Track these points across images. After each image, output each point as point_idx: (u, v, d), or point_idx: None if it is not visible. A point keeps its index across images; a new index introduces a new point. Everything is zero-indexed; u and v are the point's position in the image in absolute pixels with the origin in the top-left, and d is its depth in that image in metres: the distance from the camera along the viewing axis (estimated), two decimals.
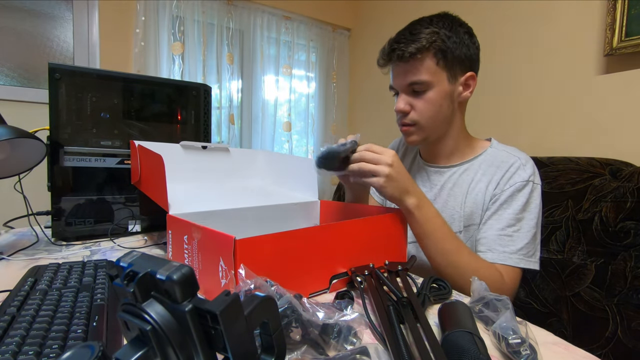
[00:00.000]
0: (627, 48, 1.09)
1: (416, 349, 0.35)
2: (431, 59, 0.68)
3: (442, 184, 0.78)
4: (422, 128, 0.73)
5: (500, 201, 0.69)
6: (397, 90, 0.74)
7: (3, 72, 1.59)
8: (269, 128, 2.21)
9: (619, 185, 0.88)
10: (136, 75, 1.00)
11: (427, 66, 0.68)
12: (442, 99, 0.70)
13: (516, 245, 0.66)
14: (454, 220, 0.74)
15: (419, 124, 0.72)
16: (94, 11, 1.72)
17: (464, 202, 0.73)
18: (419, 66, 0.69)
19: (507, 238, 0.66)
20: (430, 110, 0.71)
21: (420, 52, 0.67)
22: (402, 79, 0.71)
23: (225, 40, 2.02)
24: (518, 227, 0.67)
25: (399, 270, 0.54)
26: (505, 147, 0.77)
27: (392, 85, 0.75)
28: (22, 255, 0.68)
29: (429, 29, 0.68)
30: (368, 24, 2.37)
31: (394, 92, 0.76)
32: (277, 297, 0.37)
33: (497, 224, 0.68)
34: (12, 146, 0.71)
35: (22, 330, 0.34)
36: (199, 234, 0.49)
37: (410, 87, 0.70)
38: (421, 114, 0.71)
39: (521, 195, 0.68)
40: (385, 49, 0.72)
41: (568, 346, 0.40)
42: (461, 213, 0.73)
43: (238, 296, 0.22)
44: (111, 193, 0.85)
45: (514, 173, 0.69)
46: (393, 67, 0.73)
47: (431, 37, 0.67)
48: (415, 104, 0.71)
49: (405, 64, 0.69)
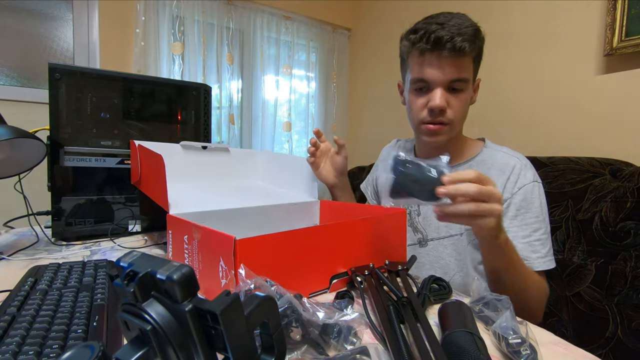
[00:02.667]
0: (627, 48, 1.09)
1: (416, 349, 0.35)
2: (472, 58, 0.66)
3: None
4: (453, 128, 0.70)
5: (516, 206, 0.67)
6: (429, 84, 0.67)
7: (3, 72, 1.59)
8: (269, 128, 2.21)
9: (619, 185, 0.88)
10: (136, 75, 1.00)
11: (469, 65, 0.66)
12: (469, 101, 0.70)
13: (545, 248, 0.65)
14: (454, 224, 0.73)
15: (452, 124, 0.69)
16: (94, 11, 1.72)
17: None
18: (466, 63, 0.65)
19: (537, 243, 0.65)
20: (463, 111, 0.69)
21: (471, 49, 0.63)
22: (447, 71, 0.65)
23: (225, 40, 2.02)
24: (543, 229, 0.66)
25: (399, 270, 0.54)
26: (500, 147, 0.76)
27: (424, 78, 0.67)
28: (22, 255, 0.68)
29: (473, 27, 0.64)
30: (368, 24, 2.37)
31: (420, 85, 0.69)
32: (277, 297, 0.37)
33: (522, 231, 0.66)
34: (12, 146, 0.71)
35: (22, 330, 0.34)
36: (199, 234, 0.49)
37: (451, 84, 0.66)
38: (456, 113, 0.68)
39: (534, 197, 0.67)
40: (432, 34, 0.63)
41: (568, 346, 0.40)
42: None
43: (238, 296, 0.22)
44: (111, 193, 0.85)
45: (518, 175, 0.69)
46: (432, 58, 0.65)
47: (477, 34, 0.64)
48: (451, 102, 0.67)
49: (453, 57, 0.63)
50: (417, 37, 0.65)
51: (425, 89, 0.68)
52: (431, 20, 0.65)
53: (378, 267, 0.54)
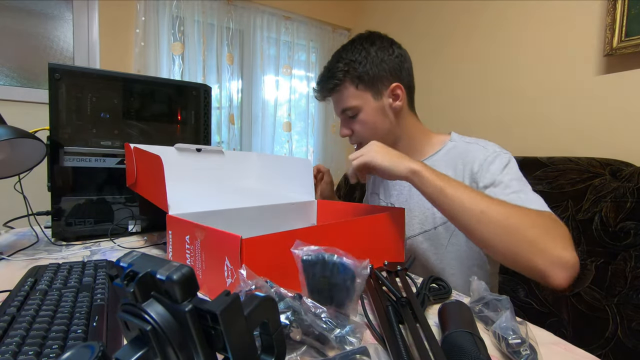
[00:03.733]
0: (627, 48, 1.09)
1: (416, 349, 0.35)
2: (350, 85, 0.74)
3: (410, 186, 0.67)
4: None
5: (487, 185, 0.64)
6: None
7: (3, 72, 1.59)
8: (269, 128, 2.21)
9: (619, 185, 0.88)
10: (136, 75, 1.00)
11: (350, 93, 0.75)
12: (374, 117, 0.75)
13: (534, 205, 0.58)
14: (427, 218, 0.74)
15: (365, 141, 0.72)
16: (94, 11, 1.72)
17: None
18: (343, 95, 0.76)
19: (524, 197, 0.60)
20: (367, 130, 0.76)
21: (339, 85, 0.75)
22: (336, 108, 0.80)
23: (225, 40, 2.02)
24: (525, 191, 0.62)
25: (398, 271, 0.54)
26: (468, 138, 0.76)
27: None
28: (22, 255, 0.68)
29: (340, 63, 0.75)
30: (368, 24, 2.37)
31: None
32: (277, 298, 0.37)
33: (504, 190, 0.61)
34: (12, 146, 0.71)
35: (22, 330, 0.34)
36: (202, 233, 0.49)
37: (345, 114, 0.77)
38: (360, 134, 0.77)
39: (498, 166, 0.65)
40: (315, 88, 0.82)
41: (568, 346, 0.40)
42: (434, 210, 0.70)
43: (238, 296, 0.22)
44: (111, 193, 0.85)
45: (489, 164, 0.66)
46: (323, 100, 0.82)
47: (344, 67, 0.74)
48: (353, 127, 0.78)
49: (333, 96, 0.78)
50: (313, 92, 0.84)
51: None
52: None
53: (377, 267, 0.54)
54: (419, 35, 1.91)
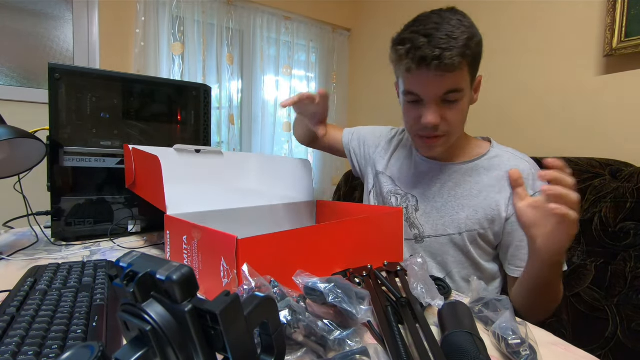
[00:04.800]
0: (627, 49, 1.09)
1: (415, 349, 0.35)
2: (465, 66, 0.61)
3: (443, 182, 0.74)
4: (450, 139, 0.69)
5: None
6: (421, 98, 0.64)
7: (3, 72, 1.59)
8: (269, 128, 2.21)
9: (619, 186, 0.88)
10: (136, 75, 1.00)
11: (464, 74, 0.62)
12: (467, 106, 0.67)
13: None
14: (454, 222, 0.72)
15: (448, 135, 0.67)
16: (94, 11, 1.72)
17: (471, 206, 0.71)
18: (459, 74, 0.61)
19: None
20: (461, 120, 0.67)
21: (462, 62, 0.59)
22: (437, 87, 0.62)
23: (225, 40, 2.02)
24: None
25: (398, 271, 0.54)
26: (506, 148, 0.75)
27: (413, 91, 0.64)
28: (21, 255, 0.68)
29: (465, 34, 0.59)
30: (368, 24, 2.37)
31: (412, 98, 0.66)
32: (279, 297, 0.37)
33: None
34: (12, 146, 0.71)
35: (22, 330, 0.34)
36: (199, 234, 0.49)
37: (444, 97, 0.63)
38: (452, 124, 0.65)
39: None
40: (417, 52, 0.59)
41: (568, 346, 0.40)
42: (464, 216, 0.71)
43: (238, 296, 0.22)
44: (111, 193, 0.85)
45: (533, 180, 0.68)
46: (421, 75, 0.61)
47: (469, 42, 0.59)
48: (446, 114, 0.64)
49: (442, 74, 0.60)
50: (404, 52, 0.61)
51: (418, 101, 0.65)
52: (419, 28, 0.60)
53: (376, 267, 0.54)
54: None
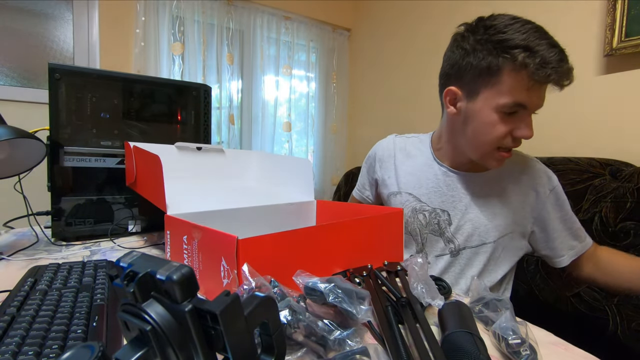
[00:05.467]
0: (627, 48, 1.09)
1: (415, 349, 0.35)
2: None
3: (472, 192, 0.74)
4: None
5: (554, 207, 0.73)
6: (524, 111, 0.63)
7: (3, 72, 1.59)
8: (269, 128, 2.21)
9: (619, 186, 0.88)
10: (136, 75, 1.00)
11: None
12: None
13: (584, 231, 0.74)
14: (489, 230, 0.72)
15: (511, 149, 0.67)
16: (94, 11, 1.72)
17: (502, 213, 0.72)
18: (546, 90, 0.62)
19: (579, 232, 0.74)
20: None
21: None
22: (542, 100, 0.62)
23: (225, 40, 2.02)
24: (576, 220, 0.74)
25: (398, 271, 0.54)
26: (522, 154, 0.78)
27: (526, 104, 0.61)
28: (22, 255, 0.68)
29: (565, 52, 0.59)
30: (368, 24, 2.37)
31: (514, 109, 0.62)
32: (279, 297, 0.37)
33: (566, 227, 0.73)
34: (12, 146, 0.71)
35: (22, 330, 0.34)
36: (199, 234, 0.49)
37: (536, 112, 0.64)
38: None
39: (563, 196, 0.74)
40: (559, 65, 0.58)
41: (568, 346, 0.40)
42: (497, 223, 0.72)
43: (238, 296, 0.22)
44: (111, 193, 0.85)
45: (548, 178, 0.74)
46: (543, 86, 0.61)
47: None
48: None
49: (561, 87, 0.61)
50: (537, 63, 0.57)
51: (515, 114, 0.63)
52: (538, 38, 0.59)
53: (377, 267, 0.54)
54: (419, 35, 1.91)
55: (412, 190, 0.80)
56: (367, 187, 0.94)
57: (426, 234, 0.77)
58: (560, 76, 0.58)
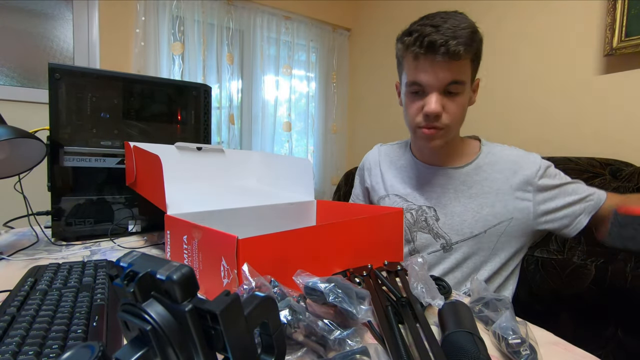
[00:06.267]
0: (627, 48, 1.09)
1: (415, 349, 0.35)
2: (470, 60, 0.64)
3: (455, 185, 0.75)
4: (449, 132, 0.69)
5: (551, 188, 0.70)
6: (425, 88, 0.66)
7: (3, 72, 1.59)
8: (269, 128, 2.21)
9: (619, 186, 0.88)
10: (136, 75, 1.00)
11: (466, 67, 0.64)
12: (466, 103, 0.69)
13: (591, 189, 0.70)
14: (478, 221, 0.72)
15: (448, 128, 0.68)
16: (94, 11, 1.72)
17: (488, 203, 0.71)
18: (463, 66, 0.63)
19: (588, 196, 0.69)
20: (460, 115, 0.68)
21: (467, 52, 0.61)
22: (441, 76, 0.63)
23: (225, 40, 2.02)
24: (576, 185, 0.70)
25: (398, 271, 0.54)
26: (493, 143, 0.78)
27: (418, 81, 0.66)
28: (22, 255, 0.68)
29: (470, 28, 0.62)
30: (368, 24, 2.37)
31: (415, 88, 0.67)
32: (279, 297, 0.37)
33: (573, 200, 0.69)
34: (12, 146, 0.71)
35: (22, 330, 0.34)
36: (199, 234, 0.49)
37: (447, 87, 0.64)
38: (453, 117, 0.67)
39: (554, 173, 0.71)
40: (425, 38, 0.61)
41: (568, 346, 0.40)
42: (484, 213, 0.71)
43: (238, 296, 0.22)
44: (111, 193, 0.85)
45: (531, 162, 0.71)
46: (426, 62, 0.63)
47: (473, 35, 0.62)
48: (447, 106, 0.66)
49: (448, 61, 0.62)
50: (411, 40, 0.63)
51: (421, 93, 0.67)
52: (426, 21, 0.64)
53: (377, 267, 0.54)
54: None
55: (398, 192, 0.82)
56: (360, 196, 0.97)
57: (415, 232, 0.77)
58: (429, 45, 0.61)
